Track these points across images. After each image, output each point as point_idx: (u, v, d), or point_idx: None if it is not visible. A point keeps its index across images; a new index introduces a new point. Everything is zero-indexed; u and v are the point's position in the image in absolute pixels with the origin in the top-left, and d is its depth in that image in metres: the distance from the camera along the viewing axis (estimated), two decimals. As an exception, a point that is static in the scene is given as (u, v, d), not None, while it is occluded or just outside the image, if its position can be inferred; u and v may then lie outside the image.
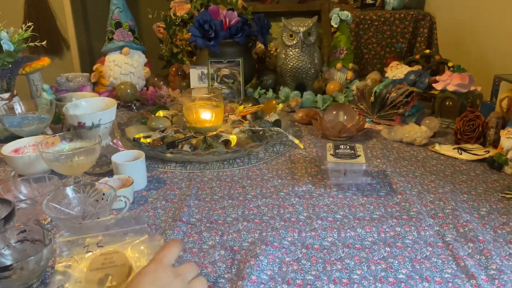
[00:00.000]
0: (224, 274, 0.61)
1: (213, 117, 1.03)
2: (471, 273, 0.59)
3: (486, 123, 1.00)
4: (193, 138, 1.01)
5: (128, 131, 1.07)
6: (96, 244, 0.57)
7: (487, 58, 1.37)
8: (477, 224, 0.71)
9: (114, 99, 1.00)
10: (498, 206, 0.77)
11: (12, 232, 0.60)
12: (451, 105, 1.14)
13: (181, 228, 0.71)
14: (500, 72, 1.07)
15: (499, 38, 1.31)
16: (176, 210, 0.78)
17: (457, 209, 0.76)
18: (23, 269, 0.54)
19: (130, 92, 1.37)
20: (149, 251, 0.57)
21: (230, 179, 0.90)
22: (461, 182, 0.87)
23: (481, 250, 0.64)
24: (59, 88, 1.42)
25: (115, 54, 1.45)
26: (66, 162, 0.76)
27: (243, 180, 0.90)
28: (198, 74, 1.39)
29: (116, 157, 0.87)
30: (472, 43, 1.46)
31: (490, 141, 1.00)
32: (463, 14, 1.52)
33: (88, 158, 0.78)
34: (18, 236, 0.60)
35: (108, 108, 0.94)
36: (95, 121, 0.91)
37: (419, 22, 1.68)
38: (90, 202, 0.72)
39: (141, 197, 0.83)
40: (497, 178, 0.88)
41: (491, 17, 1.36)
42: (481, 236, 0.67)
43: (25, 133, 0.99)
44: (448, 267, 0.61)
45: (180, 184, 0.88)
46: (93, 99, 1.04)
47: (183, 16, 1.58)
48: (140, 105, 1.40)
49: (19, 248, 0.60)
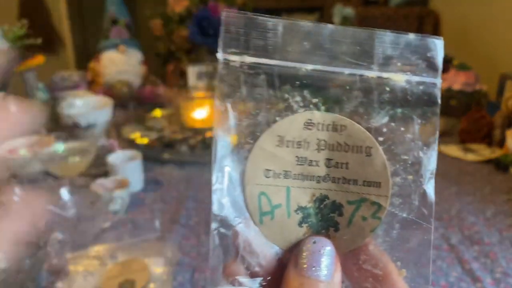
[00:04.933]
0: (223, 279, 0.59)
1: (212, 116, 1.01)
2: (477, 276, 0.58)
3: (492, 122, 0.99)
4: (191, 138, 1.00)
5: (125, 131, 1.05)
6: (109, 255, 0.60)
7: (493, 56, 1.35)
8: (483, 226, 0.70)
9: (110, 98, 0.99)
10: (504, 208, 0.76)
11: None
12: (456, 104, 1.12)
13: (179, 231, 0.70)
14: (506, 70, 1.06)
15: (505, 35, 1.30)
16: (174, 212, 0.76)
17: (462, 211, 0.74)
18: (19, 272, 0.54)
19: (126, 91, 1.35)
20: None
21: (229, 180, 0.88)
22: (466, 183, 0.85)
23: (486, 253, 0.63)
24: (54, 87, 1.40)
25: (111, 52, 1.43)
26: (61, 163, 0.74)
27: (242, 181, 0.88)
28: (196, 72, 1.37)
29: (112, 158, 0.85)
30: (477, 41, 1.44)
31: (496, 141, 0.98)
32: (467, 11, 1.50)
33: (84, 158, 0.77)
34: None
35: (103, 108, 0.92)
36: (91, 121, 0.89)
37: (423, 19, 1.66)
38: (85, 204, 0.70)
39: (137, 199, 0.81)
40: (503, 179, 0.87)
41: (497, 14, 1.35)
42: (487, 238, 0.66)
43: (19, 133, 0.97)
44: (453, 271, 0.59)
45: (177, 185, 0.87)
46: (88, 98, 1.02)
47: (181, 12, 1.55)
48: (136, 104, 1.38)
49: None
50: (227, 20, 0.18)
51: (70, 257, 0.60)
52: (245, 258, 0.18)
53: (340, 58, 0.18)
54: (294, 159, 0.18)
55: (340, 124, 0.18)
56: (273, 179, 0.18)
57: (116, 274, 0.57)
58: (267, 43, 0.18)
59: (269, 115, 0.18)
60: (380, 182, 0.18)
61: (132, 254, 0.61)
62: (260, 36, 0.18)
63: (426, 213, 0.18)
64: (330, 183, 0.19)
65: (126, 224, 0.72)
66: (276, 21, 0.18)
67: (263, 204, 0.18)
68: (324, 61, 0.18)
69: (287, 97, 0.19)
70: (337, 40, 0.18)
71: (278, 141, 0.18)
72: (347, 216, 0.18)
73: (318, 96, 0.18)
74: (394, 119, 0.18)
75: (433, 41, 0.18)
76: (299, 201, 0.19)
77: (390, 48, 0.18)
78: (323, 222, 0.19)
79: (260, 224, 0.18)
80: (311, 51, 0.18)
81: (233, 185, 0.18)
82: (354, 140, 0.18)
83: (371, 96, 0.18)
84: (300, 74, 0.18)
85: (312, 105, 0.18)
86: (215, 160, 0.18)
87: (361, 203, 0.18)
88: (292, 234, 0.19)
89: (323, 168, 0.18)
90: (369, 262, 0.18)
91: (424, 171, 0.18)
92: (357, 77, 0.18)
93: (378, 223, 0.18)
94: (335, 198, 0.19)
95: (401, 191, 0.18)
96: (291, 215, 0.19)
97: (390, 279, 0.18)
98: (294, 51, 0.18)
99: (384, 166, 0.18)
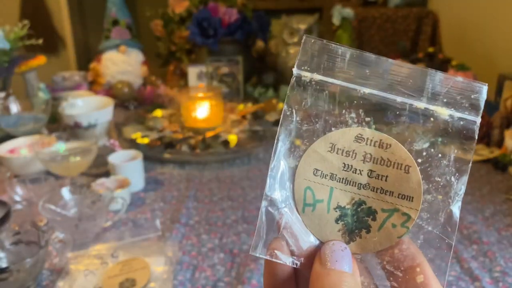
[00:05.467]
0: (223, 277, 0.59)
1: (212, 116, 1.02)
2: (475, 275, 0.58)
3: (490, 122, 0.99)
4: (192, 138, 1.00)
5: (125, 131, 1.06)
6: (110, 255, 0.60)
7: (492, 56, 1.35)
8: (481, 225, 0.70)
9: (110, 98, 0.99)
10: (503, 208, 0.76)
11: (7, 234, 0.60)
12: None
13: (180, 230, 0.70)
14: (505, 70, 1.06)
15: (504, 35, 1.30)
16: (174, 212, 0.76)
17: (461, 211, 0.74)
18: (20, 271, 0.54)
19: (127, 91, 1.35)
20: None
21: (229, 180, 0.89)
22: (464, 183, 0.86)
23: (485, 252, 0.63)
24: (55, 87, 1.40)
25: (112, 52, 1.43)
26: (62, 163, 0.75)
27: (242, 181, 0.88)
28: (196, 72, 1.37)
29: (113, 158, 0.85)
30: (476, 41, 1.45)
31: (495, 141, 0.98)
32: (466, 12, 1.50)
33: (85, 158, 0.77)
34: (12, 238, 0.60)
35: (104, 108, 0.92)
36: (92, 121, 0.89)
37: (422, 19, 1.66)
38: (86, 204, 0.71)
39: (138, 198, 0.82)
40: (501, 179, 0.87)
41: (496, 14, 1.35)
42: (485, 238, 0.66)
43: (21, 133, 0.97)
44: (452, 269, 0.60)
45: (178, 185, 0.87)
46: (89, 98, 1.02)
47: (182, 13, 1.56)
48: (137, 104, 1.39)
49: (13, 251, 0.60)
50: (305, 43, 0.21)
51: (71, 256, 0.61)
52: (285, 237, 0.21)
53: (395, 87, 0.21)
54: (341, 165, 0.21)
55: (386, 142, 0.21)
56: (320, 178, 0.21)
57: (116, 273, 0.57)
58: (334, 65, 0.21)
59: (326, 125, 0.21)
60: (413, 197, 0.21)
61: (133, 253, 0.61)
62: (330, 60, 0.21)
63: (449, 230, 0.21)
64: (369, 191, 0.21)
65: (126, 224, 0.72)
66: (345, 49, 0.21)
67: (307, 196, 0.21)
68: (381, 88, 0.21)
69: (344, 112, 0.21)
70: (394, 72, 0.21)
71: (330, 147, 0.21)
72: (379, 221, 0.21)
73: (371, 116, 0.21)
74: (434, 146, 0.21)
75: (478, 85, 0.20)
76: (339, 201, 0.21)
77: (439, 86, 0.21)
78: (357, 223, 0.21)
79: (302, 213, 0.21)
80: (371, 77, 0.21)
81: (285, 176, 0.21)
82: (396, 158, 0.21)
83: (416, 123, 0.21)
84: (358, 96, 0.21)
85: (364, 123, 0.21)
86: (274, 153, 0.21)
87: (393, 212, 0.21)
88: (328, 228, 0.21)
89: (365, 177, 0.21)
90: (392, 263, 0.21)
91: (453, 194, 0.21)
92: (407, 106, 0.21)
93: (405, 231, 0.21)
94: (371, 205, 0.21)
95: (430, 208, 0.21)
96: (330, 211, 0.21)
97: (426, 273, 0.20)
98: (356, 76, 0.21)
99: (419, 183, 0.21)
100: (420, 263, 0.20)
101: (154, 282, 0.56)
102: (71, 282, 0.57)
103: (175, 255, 0.62)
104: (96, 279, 0.57)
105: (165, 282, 0.57)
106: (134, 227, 0.71)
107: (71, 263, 0.60)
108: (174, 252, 0.63)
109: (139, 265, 0.58)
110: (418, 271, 0.20)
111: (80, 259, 0.60)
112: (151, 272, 0.57)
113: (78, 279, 0.57)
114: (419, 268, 0.20)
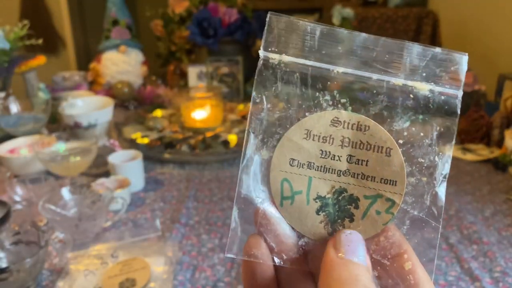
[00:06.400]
0: (223, 277, 0.59)
1: (212, 116, 1.02)
2: (475, 275, 0.58)
3: (490, 122, 0.99)
4: (192, 138, 1.00)
5: (125, 131, 1.05)
6: (110, 255, 0.60)
7: (492, 57, 1.35)
8: (482, 225, 0.70)
9: (110, 98, 0.99)
10: (503, 208, 0.76)
11: (7, 234, 0.60)
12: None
13: (180, 230, 0.70)
14: (505, 70, 1.06)
15: (504, 35, 1.30)
16: (174, 212, 0.76)
17: (461, 211, 0.75)
18: (20, 271, 0.54)
19: (127, 91, 1.35)
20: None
21: (229, 180, 0.89)
22: (465, 183, 0.86)
23: (485, 252, 0.63)
24: (55, 87, 1.40)
25: (112, 52, 1.43)
26: (62, 163, 0.74)
27: (242, 181, 0.88)
28: (196, 72, 1.37)
29: (113, 158, 0.85)
30: (476, 41, 1.45)
31: (495, 141, 0.98)
32: (467, 12, 1.50)
33: (85, 158, 0.77)
34: (12, 238, 0.60)
35: (104, 108, 0.92)
36: (92, 121, 0.89)
37: (422, 19, 1.66)
38: (86, 204, 0.71)
39: (138, 198, 0.82)
40: (501, 179, 0.87)
41: (496, 14, 1.35)
42: (486, 238, 0.66)
43: (21, 133, 0.97)
44: (452, 270, 0.60)
45: (178, 185, 0.87)
46: (89, 98, 1.02)
47: (182, 13, 1.56)
48: (137, 104, 1.39)
49: (13, 251, 0.59)
50: (270, 22, 0.19)
51: (71, 256, 0.61)
52: (262, 234, 0.19)
53: (370, 64, 0.19)
54: (318, 152, 0.20)
55: (364, 124, 0.20)
56: (297, 168, 0.20)
57: (116, 273, 0.57)
58: (304, 45, 0.19)
59: (299, 110, 0.20)
60: (396, 181, 0.20)
61: (133, 253, 0.61)
62: (298, 39, 0.19)
63: (435, 213, 0.20)
64: (350, 177, 0.20)
65: (126, 224, 0.72)
66: (314, 26, 0.19)
67: (285, 189, 0.20)
68: (355, 66, 0.19)
69: (318, 95, 0.20)
70: (368, 47, 0.19)
71: (305, 134, 0.20)
72: (363, 209, 0.20)
73: (346, 97, 0.20)
74: (415, 124, 0.20)
75: (458, 56, 0.19)
76: (319, 191, 0.20)
77: (417, 59, 0.19)
78: (339, 213, 0.20)
79: (280, 207, 0.20)
80: (344, 55, 0.19)
81: (259, 169, 0.20)
82: (376, 140, 0.20)
83: (395, 101, 0.20)
84: (332, 76, 0.20)
85: (340, 105, 0.20)
86: (246, 146, 0.20)
87: (376, 198, 0.20)
88: (309, 220, 0.20)
89: (345, 163, 0.20)
90: (378, 252, 0.19)
91: (438, 175, 0.20)
92: (384, 83, 0.19)
93: (390, 218, 0.20)
94: (353, 192, 0.20)
95: (415, 191, 0.20)
96: (310, 202, 0.20)
97: (412, 260, 0.19)
98: (328, 54, 0.19)
99: (401, 166, 0.19)
100: (406, 249, 0.19)
101: (154, 282, 0.56)
102: (71, 282, 0.57)
103: (175, 255, 0.62)
104: (96, 279, 0.57)
105: (165, 282, 0.56)
106: (134, 227, 0.71)
107: (71, 263, 0.60)
108: (174, 252, 0.63)
109: (139, 265, 0.58)
110: (406, 258, 0.19)
111: (80, 259, 0.60)
112: (151, 272, 0.57)
113: (78, 279, 0.57)
114: (406, 255, 0.19)
